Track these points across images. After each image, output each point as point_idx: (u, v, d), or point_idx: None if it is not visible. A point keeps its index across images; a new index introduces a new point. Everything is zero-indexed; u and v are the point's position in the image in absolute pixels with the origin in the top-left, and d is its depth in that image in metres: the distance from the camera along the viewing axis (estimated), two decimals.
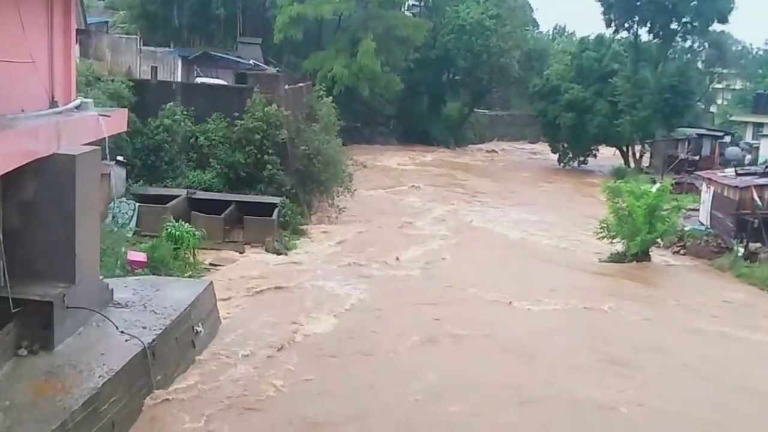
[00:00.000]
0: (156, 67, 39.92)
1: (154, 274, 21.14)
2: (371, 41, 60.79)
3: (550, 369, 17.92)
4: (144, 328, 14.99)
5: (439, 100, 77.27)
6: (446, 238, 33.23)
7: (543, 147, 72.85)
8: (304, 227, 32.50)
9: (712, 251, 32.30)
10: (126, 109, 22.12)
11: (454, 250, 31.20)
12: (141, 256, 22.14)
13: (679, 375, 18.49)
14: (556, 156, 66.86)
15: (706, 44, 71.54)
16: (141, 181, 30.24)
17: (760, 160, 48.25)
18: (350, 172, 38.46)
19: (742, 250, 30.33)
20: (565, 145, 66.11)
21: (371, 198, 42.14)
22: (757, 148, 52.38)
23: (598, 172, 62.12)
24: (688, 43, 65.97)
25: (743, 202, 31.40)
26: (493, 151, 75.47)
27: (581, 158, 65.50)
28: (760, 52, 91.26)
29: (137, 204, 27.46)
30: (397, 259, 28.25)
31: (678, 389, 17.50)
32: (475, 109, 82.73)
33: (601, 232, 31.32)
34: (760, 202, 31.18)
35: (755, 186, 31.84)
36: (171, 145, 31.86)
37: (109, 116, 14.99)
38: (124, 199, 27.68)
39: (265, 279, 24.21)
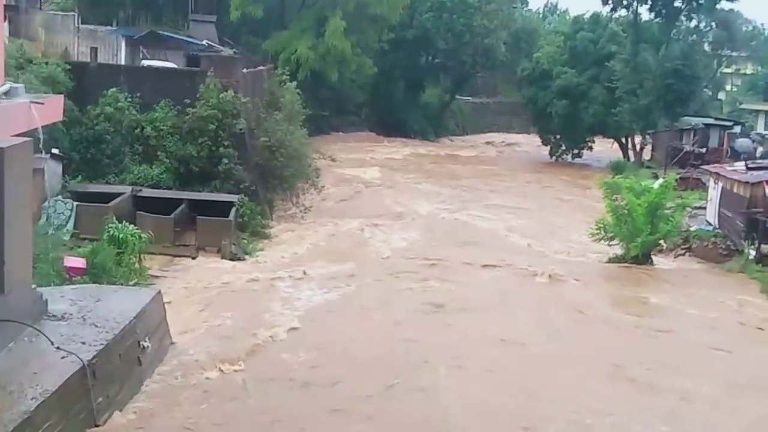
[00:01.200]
0: (96, 49, 39.51)
1: (94, 282, 20.93)
2: (340, 20, 60.71)
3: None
4: (83, 343, 14.81)
5: (416, 86, 77.54)
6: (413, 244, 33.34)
7: (533, 138, 73.23)
8: (265, 229, 32.49)
9: (721, 254, 32.57)
10: (62, 96, 21.92)
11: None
12: (79, 262, 21.94)
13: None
14: (548, 148, 67.26)
15: (714, 24, 72.23)
16: (79, 177, 30.04)
17: None
18: (317, 167, 38.44)
19: (753, 252, 30.60)
20: (558, 137, 66.55)
21: (341, 195, 42.14)
22: None
23: (594, 166, 62.60)
24: (693, 23, 66.47)
25: (755, 199, 31.62)
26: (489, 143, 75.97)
27: (575, 151, 66.02)
28: None
29: (75, 203, 27.26)
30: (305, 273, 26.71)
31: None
32: (457, 96, 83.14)
33: (597, 234, 31.50)
34: None
35: None
36: (113, 137, 31.67)
37: (42, 104, 14.81)
38: (60, 197, 27.44)
39: (220, 288, 24.14)
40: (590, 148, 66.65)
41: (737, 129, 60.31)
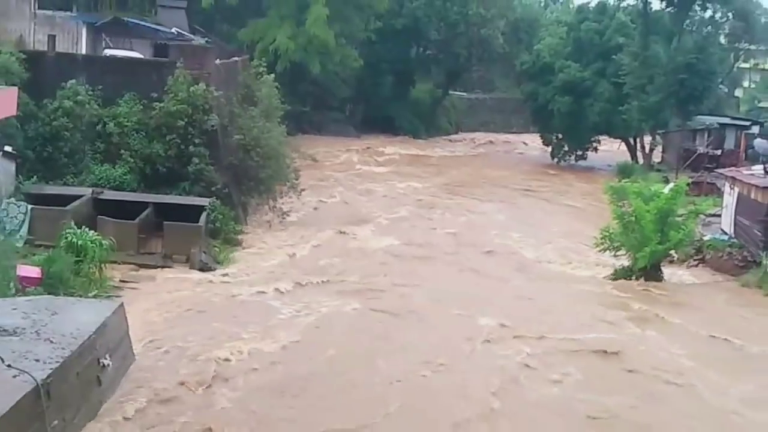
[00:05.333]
0: (54, 36, 39.22)
1: (50, 293, 20.87)
2: (323, 6, 60.90)
3: None
4: (37, 360, 14.77)
5: (406, 80, 77.69)
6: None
7: (533, 138, 73.51)
8: (238, 236, 32.45)
9: (737, 265, 32.72)
10: (16, 88, 21.95)
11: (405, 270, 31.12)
12: (34, 272, 21.89)
13: None
14: (549, 149, 67.48)
15: (730, 14, 72.40)
16: (35, 177, 29.94)
17: None
18: (296, 168, 38.42)
19: None
20: (560, 136, 66.73)
21: (321, 199, 42.24)
22: None
23: (600, 169, 62.78)
24: (708, 13, 66.80)
25: None
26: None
27: (579, 152, 66.15)
28: None
29: (29, 206, 27.17)
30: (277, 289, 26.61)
31: None
32: (451, 92, 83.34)
33: (602, 243, 31.58)
34: None
35: None
36: (73, 133, 31.58)
37: None
38: (12, 200, 27.36)
39: (188, 301, 24.14)
40: (595, 149, 66.81)
41: (755, 129, 60.45)
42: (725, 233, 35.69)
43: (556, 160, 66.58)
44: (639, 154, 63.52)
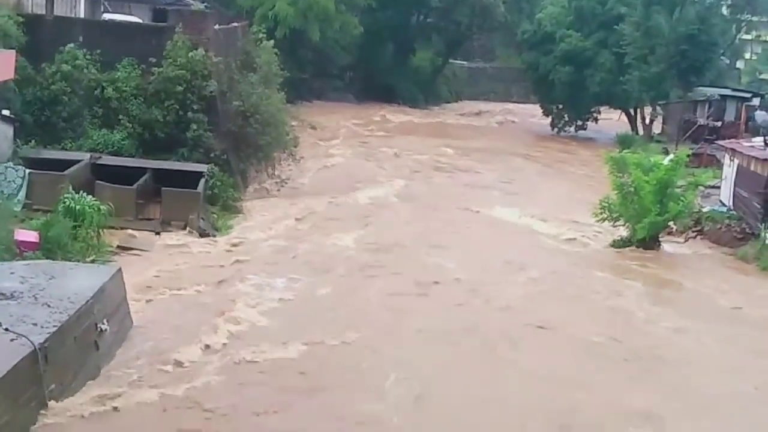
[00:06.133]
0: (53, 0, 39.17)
1: (47, 258, 20.89)
2: None
3: None
4: (34, 324, 14.82)
5: (406, 48, 77.41)
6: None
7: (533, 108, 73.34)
8: (237, 203, 32.40)
9: (735, 237, 32.73)
10: (13, 51, 21.81)
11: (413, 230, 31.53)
12: (31, 236, 21.87)
13: None
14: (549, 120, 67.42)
15: None
16: (33, 141, 29.78)
17: None
18: (295, 135, 38.32)
19: None
20: (560, 106, 66.61)
21: (319, 166, 42.17)
22: None
23: (600, 139, 62.67)
24: None
25: None
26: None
27: (579, 122, 66.07)
28: None
29: (27, 170, 27.07)
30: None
31: None
32: (451, 60, 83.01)
33: (601, 213, 31.59)
34: None
35: None
36: (71, 98, 31.42)
37: None
38: (10, 164, 27.26)
39: (186, 267, 24.19)
40: (595, 119, 66.74)
41: (756, 101, 60.27)
42: (724, 205, 35.72)
43: (555, 130, 66.48)
44: (639, 125, 63.48)
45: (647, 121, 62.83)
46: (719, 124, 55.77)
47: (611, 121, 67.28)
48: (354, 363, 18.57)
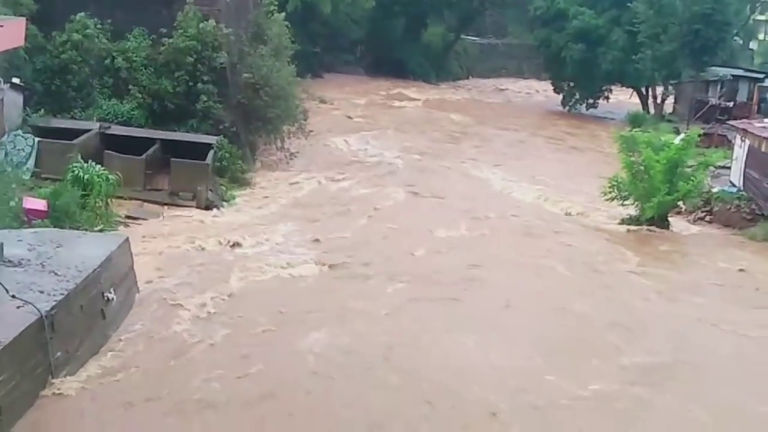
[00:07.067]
0: None
1: (55, 226, 20.97)
2: None
3: None
4: (41, 292, 14.87)
5: (418, 22, 76.91)
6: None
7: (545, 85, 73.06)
8: (245, 175, 32.45)
9: (744, 218, 32.65)
10: (24, 19, 21.74)
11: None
12: (40, 204, 21.95)
13: None
14: (560, 97, 67.08)
15: None
16: (42, 110, 29.83)
17: None
18: (305, 109, 38.21)
19: None
20: (572, 84, 66.31)
21: (329, 141, 42.15)
22: None
23: (611, 118, 62.42)
24: None
25: None
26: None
27: (590, 100, 65.77)
28: None
29: (37, 139, 27.16)
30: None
31: None
32: (463, 36, 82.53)
33: (610, 192, 31.53)
34: None
35: None
36: (81, 67, 31.41)
37: (2, 26, 14.69)
38: (20, 132, 27.33)
39: (194, 237, 24.25)
40: (606, 98, 66.43)
41: None
42: (734, 186, 35.56)
43: (566, 108, 66.21)
44: (650, 104, 63.15)
45: (659, 100, 62.53)
46: (731, 104, 55.43)
47: (623, 100, 67.01)
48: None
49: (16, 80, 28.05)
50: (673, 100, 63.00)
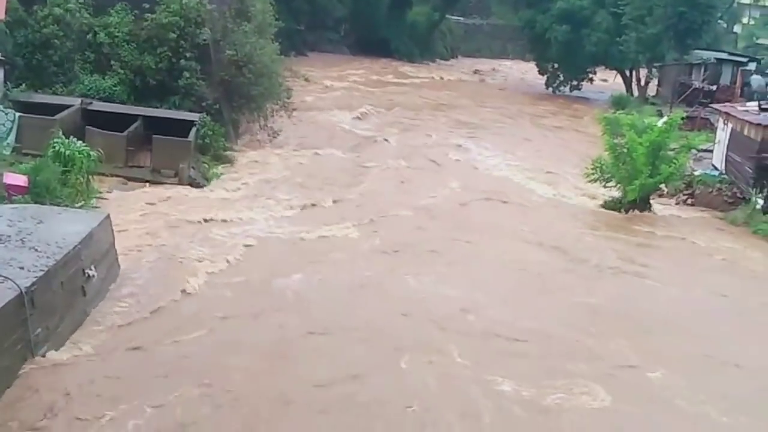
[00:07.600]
0: None
1: (36, 202, 20.83)
2: None
3: None
4: (21, 268, 14.79)
5: (403, 1, 76.78)
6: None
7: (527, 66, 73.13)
8: (228, 152, 32.30)
9: (726, 201, 32.78)
10: None
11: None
12: (20, 180, 21.79)
13: None
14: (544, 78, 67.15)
15: None
16: (23, 85, 29.61)
17: None
18: (288, 87, 38.08)
19: (761, 201, 30.79)
20: (556, 66, 66.33)
21: (311, 120, 42.04)
22: None
23: (594, 99, 62.52)
24: None
25: (766, 143, 31.77)
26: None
27: (574, 82, 65.84)
28: None
29: (17, 114, 26.99)
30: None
31: None
32: (447, 16, 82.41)
33: (592, 174, 31.59)
34: None
35: None
36: (63, 42, 31.11)
37: None
38: (0, 107, 27.12)
39: (174, 214, 24.21)
40: (590, 80, 66.55)
41: (752, 66, 60.10)
42: (716, 169, 35.74)
43: (550, 89, 66.28)
44: (634, 86, 63.29)
45: (642, 82, 62.65)
46: (714, 87, 55.54)
47: (607, 83, 67.14)
48: None
49: None
50: (656, 83, 63.15)
